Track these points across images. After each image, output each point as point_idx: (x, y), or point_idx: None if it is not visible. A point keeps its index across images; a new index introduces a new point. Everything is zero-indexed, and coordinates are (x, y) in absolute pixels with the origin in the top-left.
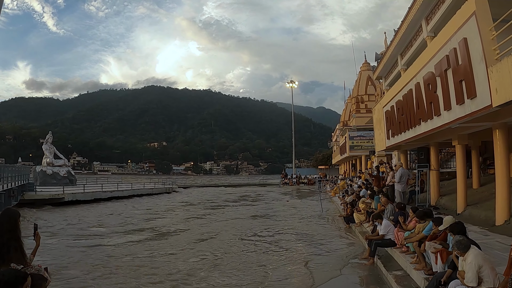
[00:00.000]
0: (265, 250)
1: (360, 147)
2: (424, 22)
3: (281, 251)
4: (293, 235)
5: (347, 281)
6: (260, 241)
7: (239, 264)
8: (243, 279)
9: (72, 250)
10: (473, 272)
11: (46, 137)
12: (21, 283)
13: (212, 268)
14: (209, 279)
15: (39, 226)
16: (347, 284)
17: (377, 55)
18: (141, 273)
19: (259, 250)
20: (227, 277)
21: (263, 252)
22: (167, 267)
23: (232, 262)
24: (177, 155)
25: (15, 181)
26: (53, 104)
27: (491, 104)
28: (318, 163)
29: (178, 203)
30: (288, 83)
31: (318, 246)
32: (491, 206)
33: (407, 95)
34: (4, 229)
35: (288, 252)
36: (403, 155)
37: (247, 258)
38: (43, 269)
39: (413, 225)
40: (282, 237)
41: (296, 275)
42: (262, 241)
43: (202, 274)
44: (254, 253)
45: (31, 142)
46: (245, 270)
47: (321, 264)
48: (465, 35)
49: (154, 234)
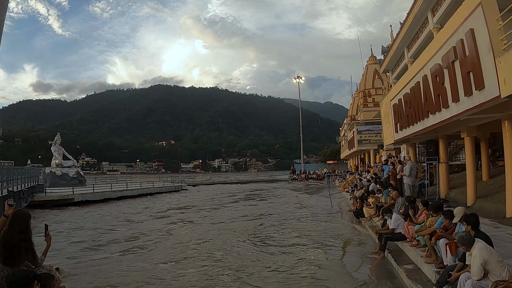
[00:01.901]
0: (272, 251)
1: (368, 141)
2: (430, 13)
3: (290, 249)
4: (303, 231)
5: (358, 275)
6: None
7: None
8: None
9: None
10: (477, 266)
11: (55, 138)
12: (32, 282)
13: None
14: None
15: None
16: (358, 279)
17: (384, 48)
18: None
19: (266, 250)
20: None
21: (270, 253)
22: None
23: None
24: (186, 154)
25: (24, 183)
26: (61, 105)
27: (499, 95)
28: (326, 158)
29: (186, 202)
30: (295, 78)
31: (328, 241)
32: (501, 198)
33: (415, 87)
34: (16, 231)
35: (298, 250)
36: (412, 148)
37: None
38: (55, 269)
39: (423, 218)
40: (291, 233)
41: (307, 274)
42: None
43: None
44: (266, 254)
45: (39, 144)
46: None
47: (332, 260)
48: (472, 26)
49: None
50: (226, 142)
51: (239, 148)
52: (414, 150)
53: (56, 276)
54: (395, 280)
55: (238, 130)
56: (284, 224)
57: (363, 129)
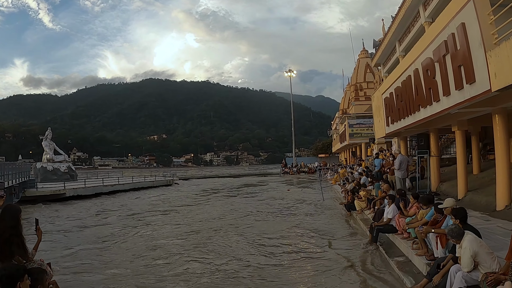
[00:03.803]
0: (263, 243)
1: (359, 135)
2: (421, 8)
3: (280, 241)
4: (295, 224)
5: (350, 266)
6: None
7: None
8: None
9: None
10: (467, 257)
11: (46, 133)
12: (22, 275)
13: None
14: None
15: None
16: (349, 271)
17: (375, 42)
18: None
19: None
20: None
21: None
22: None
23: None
24: (177, 148)
25: (16, 178)
26: (52, 100)
27: (490, 89)
28: (318, 152)
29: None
30: (287, 72)
31: (320, 234)
32: (492, 192)
33: (406, 81)
34: (7, 226)
35: (288, 243)
36: (403, 141)
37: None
38: (46, 264)
39: (414, 211)
40: (282, 226)
41: (301, 267)
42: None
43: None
44: (257, 246)
45: (31, 139)
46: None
47: (324, 252)
48: (463, 20)
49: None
50: (218, 136)
51: (231, 141)
52: (405, 144)
53: (48, 270)
54: (387, 272)
55: (230, 123)
56: (276, 218)
57: (354, 122)
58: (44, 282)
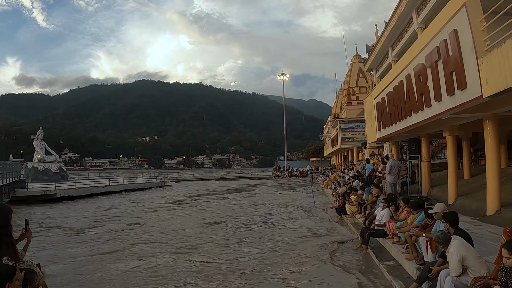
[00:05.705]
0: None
1: (351, 139)
2: (414, 13)
3: (272, 245)
4: (285, 227)
5: (340, 271)
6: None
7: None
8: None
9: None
10: (455, 262)
11: (37, 133)
12: (11, 276)
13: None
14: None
15: (30, 221)
16: (340, 275)
17: (368, 47)
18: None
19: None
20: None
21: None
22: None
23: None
24: (169, 149)
25: (6, 178)
26: (44, 100)
27: (481, 95)
28: (310, 156)
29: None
30: (280, 75)
31: (310, 238)
32: (482, 197)
33: (398, 86)
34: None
35: (279, 246)
36: (395, 146)
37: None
38: (35, 265)
39: (404, 215)
40: (274, 227)
41: (294, 268)
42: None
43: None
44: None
45: (22, 138)
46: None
47: (314, 256)
48: (456, 27)
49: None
50: (210, 138)
51: (223, 144)
52: (397, 148)
53: (37, 271)
54: (376, 276)
55: (222, 126)
56: (267, 222)
57: (346, 127)
58: (33, 283)
